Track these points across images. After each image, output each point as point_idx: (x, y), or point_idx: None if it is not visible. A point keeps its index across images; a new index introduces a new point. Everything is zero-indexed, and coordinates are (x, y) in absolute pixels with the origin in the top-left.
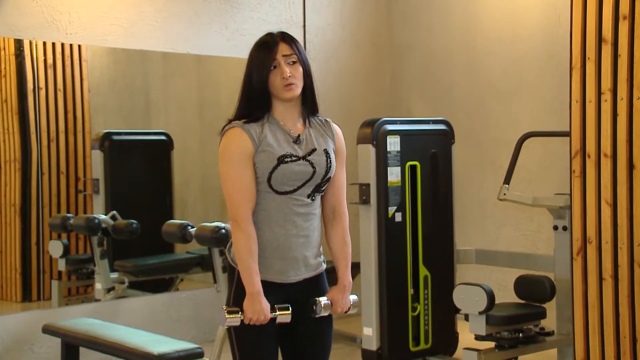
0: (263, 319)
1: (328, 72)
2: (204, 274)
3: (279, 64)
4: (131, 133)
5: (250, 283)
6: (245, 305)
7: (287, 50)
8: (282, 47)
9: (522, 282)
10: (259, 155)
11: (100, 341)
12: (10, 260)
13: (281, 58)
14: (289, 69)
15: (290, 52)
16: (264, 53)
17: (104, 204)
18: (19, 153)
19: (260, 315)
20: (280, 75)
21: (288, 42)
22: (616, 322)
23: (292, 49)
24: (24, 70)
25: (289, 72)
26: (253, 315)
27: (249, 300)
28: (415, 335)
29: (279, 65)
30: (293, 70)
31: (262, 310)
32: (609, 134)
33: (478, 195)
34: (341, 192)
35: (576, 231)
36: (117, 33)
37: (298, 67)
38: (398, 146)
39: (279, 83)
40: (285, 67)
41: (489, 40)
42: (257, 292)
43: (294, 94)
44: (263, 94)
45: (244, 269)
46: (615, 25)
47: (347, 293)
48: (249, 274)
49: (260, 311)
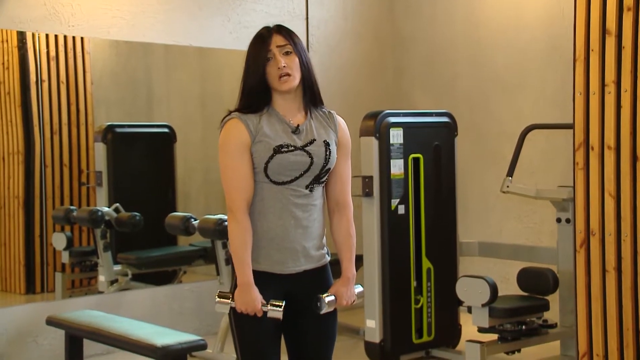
0: (253, 310)
1: (331, 65)
2: (207, 267)
3: (274, 55)
4: (134, 125)
5: (242, 273)
6: (236, 295)
7: (281, 41)
8: (276, 39)
9: (525, 274)
10: (255, 145)
11: (103, 333)
12: (14, 253)
13: (275, 49)
14: (284, 59)
15: (284, 43)
16: (259, 45)
17: (107, 197)
18: (22, 145)
19: (249, 306)
20: (275, 66)
21: (282, 34)
22: (619, 314)
23: (286, 39)
24: (26, 63)
25: (284, 63)
26: (242, 306)
27: (239, 290)
28: (418, 328)
29: (273, 56)
30: (288, 60)
31: (252, 301)
32: (612, 126)
33: (481, 188)
34: (345, 185)
35: (579, 223)
36: (119, 25)
37: (294, 58)
38: (401, 138)
39: (275, 74)
40: (280, 58)
41: (492, 32)
42: (247, 282)
43: (290, 85)
44: (261, 86)
45: (236, 259)
46: (620, 16)
47: (352, 285)
48: (240, 265)
49: (249, 302)
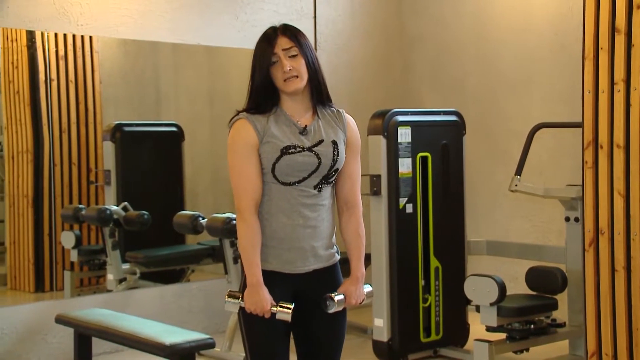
0: (262, 310)
1: (338, 64)
2: (215, 265)
3: (279, 58)
4: (142, 124)
5: (251, 274)
6: (245, 295)
7: (286, 43)
8: (282, 41)
9: (533, 273)
10: (263, 146)
11: (112, 331)
12: (23, 251)
13: (281, 52)
14: (290, 62)
15: (289, 45)
16: (265, 47)
17: (116, 195)
18: (31, 144)
19: (258, 306)
20: (281, 69)
21: (288, 35)
22: (628, 313)
23: (292, 41)
24: (35, 62)
25: (289, 66)
26: (251, 306)
27: (248, 290)
28: (426, 327)
29: (279, 59)
30: (294, 63)
31: (261, 302)
32: (621, 125)
33: (489, 187)
34: (355, 184)
35: (588, 222)
36: (128, 24)
37: (299, 60)
38: (409, 137)
39: (280, 77)
40: (285, 61)
41: (501, 30)
42: (257, 283)
43: (295, 87)
44: (268, 88)
45: (245, 260)
46: (629, 14)
47: (361, 284)
48: (249, 265)
49: (258, 302)
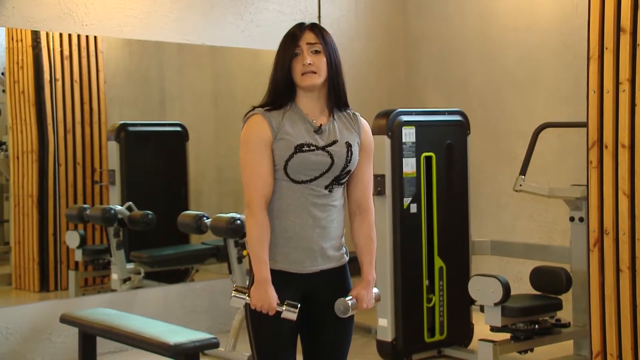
0: (267, 307)
1: (343, 63)
2: (219, 265)
3: (302, 51)
4: (146, 124)
5: (258, 270)
6: (252, 291)
7: (312, 39)
8: (308, 36)
9: (538, 273)
10: (277, 142)
11: (116, 331)
12: (28, 251)
13: (305, 46)
14: (311, 57)
15: (315, 41)
16: (289, 40)
17: (120, 195)
18: (36, 144)
19: (264, 303)
20: (301, 62)
21: (315, 32)
22: (633, 313)
23: (318, 38)
24: (40, 62)
25: (310, 60)
26: (257, 303)
27: (255, 287)
28: (430, 327)
29: (301, 52)
30: (316, 59)
31: (267, 299)
32: (627, 125)
33: (493, 186)
34: (367, 188)
35: (593, 222)
36: (132, 24)
37: (321, 57)
38: (413, 137)
39: (299, 70)
40: (307, 55)
41: (505, 30)
42: (264, 280)
43: (311, 82)
44: (287, 82)
45: (253, 256)
46: (634, 14)
47: (372, 288)
48: (257, 261)
49: (264, 299)
